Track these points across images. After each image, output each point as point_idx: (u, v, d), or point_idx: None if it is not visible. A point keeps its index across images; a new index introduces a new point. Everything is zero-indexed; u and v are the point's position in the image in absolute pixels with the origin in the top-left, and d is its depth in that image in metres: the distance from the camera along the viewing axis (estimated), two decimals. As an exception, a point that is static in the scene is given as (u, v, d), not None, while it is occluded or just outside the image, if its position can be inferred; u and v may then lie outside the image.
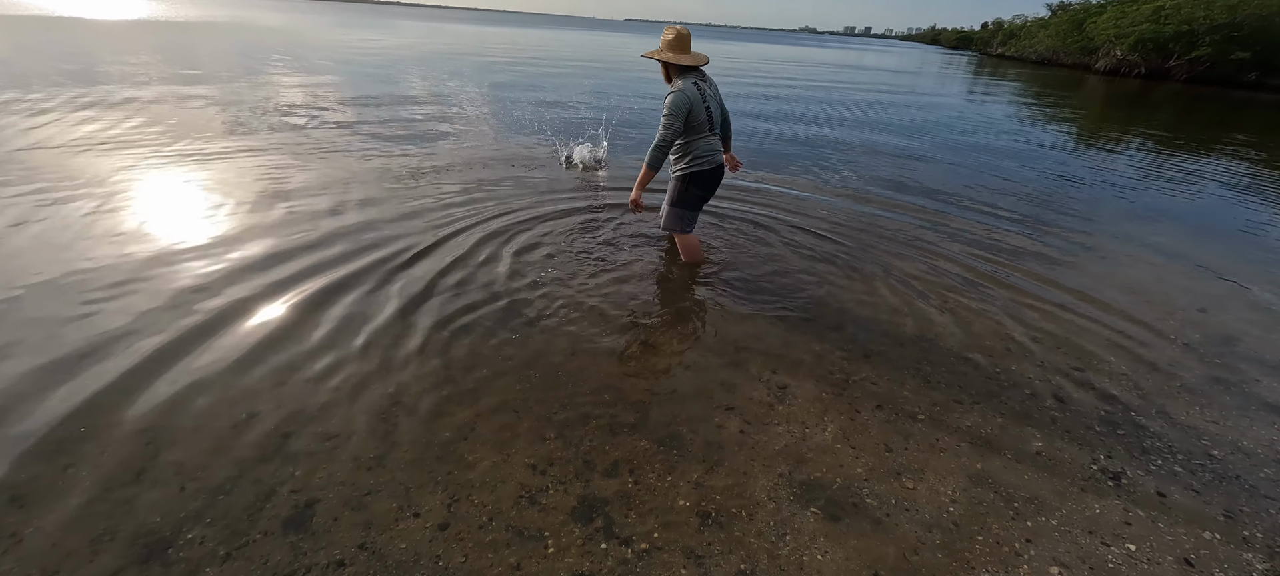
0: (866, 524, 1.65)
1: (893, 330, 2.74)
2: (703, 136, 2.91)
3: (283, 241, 3.28)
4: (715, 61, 20.05)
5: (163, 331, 2.35)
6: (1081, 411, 2.22)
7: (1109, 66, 31.70)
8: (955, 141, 8.23)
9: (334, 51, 16.01)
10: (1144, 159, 7.82)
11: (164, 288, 2.70)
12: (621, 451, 1.87)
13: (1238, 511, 1.78)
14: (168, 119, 6.22)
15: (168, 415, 1.91)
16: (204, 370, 2.14)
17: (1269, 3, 27.30)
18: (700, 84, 2.86)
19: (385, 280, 2.91)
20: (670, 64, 2.87)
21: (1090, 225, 4.63)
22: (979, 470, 1.88)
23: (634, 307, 2.79)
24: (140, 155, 4.82)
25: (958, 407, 2.19)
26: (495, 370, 2.25)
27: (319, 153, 5.29)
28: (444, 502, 1.64)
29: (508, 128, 7.02)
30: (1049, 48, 40.26)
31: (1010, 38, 52.67)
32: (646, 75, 14.51)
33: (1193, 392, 2.39)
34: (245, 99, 7.69)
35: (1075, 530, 1.67)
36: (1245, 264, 3.97)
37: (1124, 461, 1.97)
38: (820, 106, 11.28)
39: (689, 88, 2.81)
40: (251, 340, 2.34)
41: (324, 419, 1.94)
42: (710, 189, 3.06)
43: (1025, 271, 3.55)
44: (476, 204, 4.11)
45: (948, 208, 4.80)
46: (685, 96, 2.78)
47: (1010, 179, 6.04)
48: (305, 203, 3.93)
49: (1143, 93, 20.53)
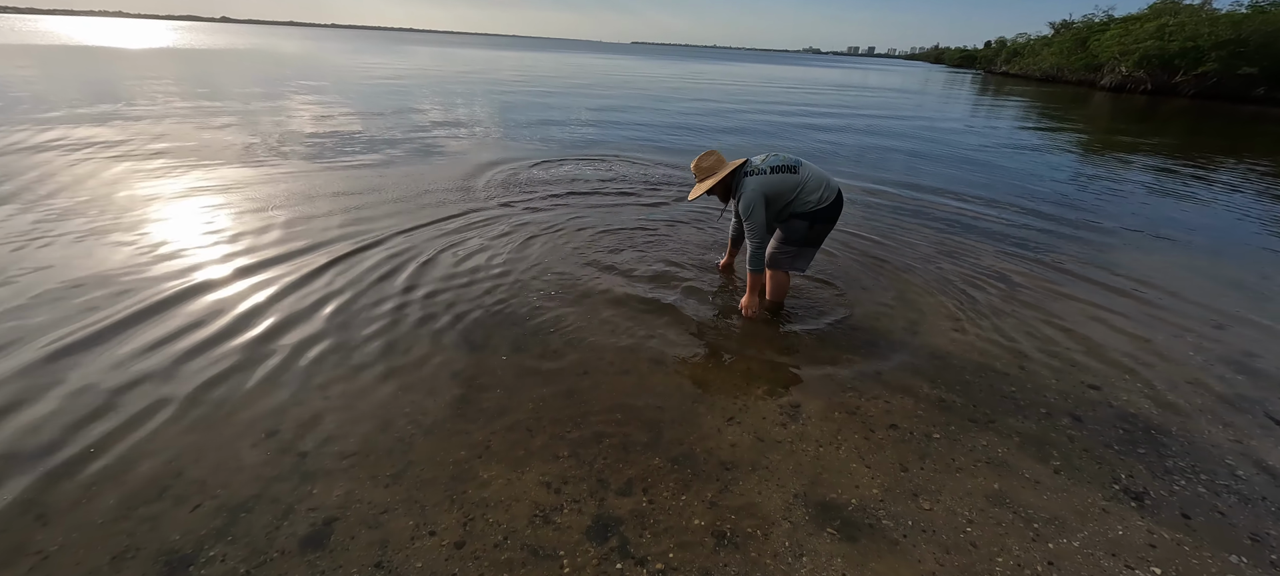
0: (883, 545, 1.63)
1: (906, 347, 2.73)
2: (798, 190, 2.66)
3: (299, 260, 3.34)
4: (723, 81, 20.27)
5: (183, 357, 2.40)
6: (1100, 430, 2.20)
7: (1114, 83, 31.70)
8: (967, 157, 8.25)
9: (364, 74, 16.40)
10: (1156, 173, 7.78)
11: (190, 309, 2.75)
12: (635, 469, 1.87)
13: (1264, 534, 1.75)
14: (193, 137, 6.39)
15: (190, 433, 1.94)
16: (225, 389, 2.18)
17: (1274, 18, 27.34)
18: (751, 169, 2.70)
19: (399, 300, 2.95)
20: (724, 180, 2.73)
21: (1104, 241, 4.60)
22: (997, 490, 1.86)
23: (645, 325, 2.81)
24: (163, 170, 4.95)
25: (974, 426, 2.18)
26: (508, 388, 2.27)
27: (330, 170, 5.40)
28: (459, 521, 1.64)
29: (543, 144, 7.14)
30: (1053, 65, 40.37)
31: (1014, 55, 52.89)
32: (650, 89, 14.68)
33: (1213, 411, 2.36)
34: (278, 118, 7.89)
35: (1098, 552, 1.64)
36: (1262, 279, 3.92)
37: (1146, 481, 1.94)
38: (832, 119, 11.36)
39: (749, 182, 2.66)
40: (270, 360, 2.38)
41: (341, 437, 1.96)
42: (832, 222, 2.78)
43: (1039, 287, 3.53)
44: (487, 224, 4.17)
45: (958, 225, 4.80)
46: (755, 190, 2.63)
47: (1022, 194, 6.04)
48: (325, 218, 4.00)
49: (1150, 108, 20.50)
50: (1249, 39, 26.55)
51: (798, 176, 2.68)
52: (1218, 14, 30.17)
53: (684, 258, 3.67)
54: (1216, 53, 27.12)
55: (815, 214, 2.68)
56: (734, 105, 14.29)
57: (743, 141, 9.07)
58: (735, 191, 2.75)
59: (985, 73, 55.47)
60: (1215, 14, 30.24)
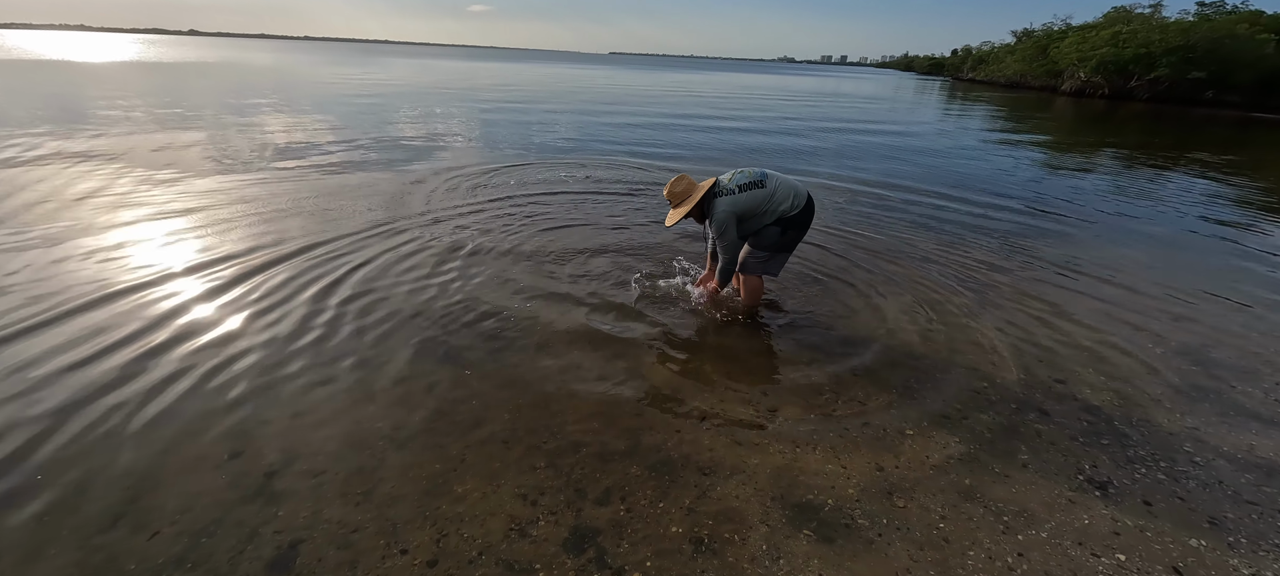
0: (859, 544, 1.65)
1: (879, 346, 2.77)
2: (768, 201, 2.69)
3: (262, 274, 3.25)
4: (700, 90, 20.45)
5: (139, 372, 2.31)
6: (1065, 422, 2.26)
7: (1074, 88, 33.03)
8: (936, 163, 8.46)
9: (344, 87, 16.13)
10: (1115, 173, 8.10)
11: (139, 329, 2.65)
12: (613, 478, 1.86)
13: (1222, 517, 1.81)
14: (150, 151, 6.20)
15: (147, 457, 1.87)
16: (186, 409, 2.11)
17: (1219, 26, 28.88)
18: (720, 190, 2.73)
19: (369, 314, 2.89)
20: (700, 202, 2.74)
21: (1069, 237, 4.76)
22: (968, 485, 1.89)
23: (623, 334, 2.80)
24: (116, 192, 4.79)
25: (945, 422, 2.22)
26: (484, 400, 2.24)
27: (293, 180, 5.29)
28: (433, 538, 1.61)
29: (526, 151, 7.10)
30: (1017, 72, 41.90)
31: (980, 63, 54.78)
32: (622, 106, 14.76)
33: (1172, 400, 2.44)
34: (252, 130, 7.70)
35: (1065, 542, 1.68)
36: (1216, 272, 4.09)
37: (1109, 471, 1.99)
38: (804, 125, 11.56)
39: (721, 203, 2.68)
40: (234, 378, 2.31)
41: (309, 455, 1.90)
42: (804, 227, 2.81)
43: (1007, 283, 3.63)
44: (469, 232, 4.13)
45: (930, 224, 4.91)
46: (727, 210, 2.65)
47: (989, 196, 6.21)
48: (291, 230, 3.91)
49: (1109, 112, 21.37)
50: (1197, 45, 27.99)
51: (766, 189, 2.71)
52: (1167, 22, 31.77)
53: (661, 265, 3.68)
54: (1167, 58, 28.52)
55: (787, 221, 2.72)
56: (718, 117, 14.44)
57: (734, 158, 9.15)
58: (708, 213, 2.78)
59: (953, 79, 57.21)
60: (1165, 22, 31.83)
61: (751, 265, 2.88)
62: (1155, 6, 33.39)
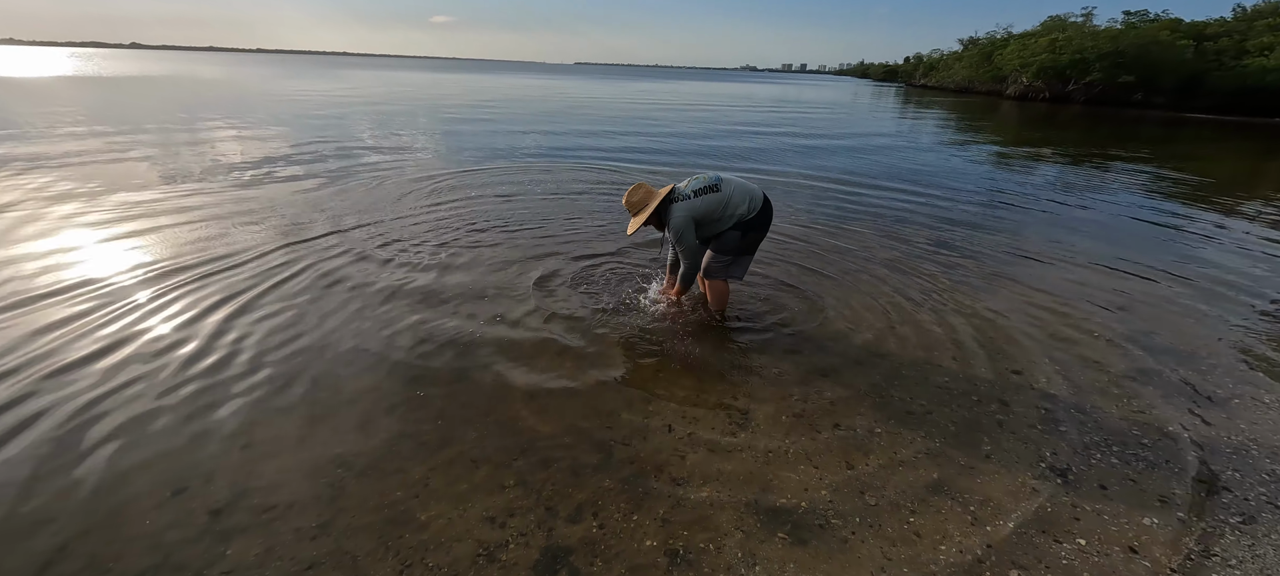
0: (834, 544, 1.65)
1: (847, 346, 2.81)
2: (725, 206, 2.71)
3: (207, 291, 3.07)
4: (664, 99, 20.57)
5: (59, 404, 2.14)
6: (1025, 412, 2.33)
7: (1018, 92, 34.89)
8: (893, 164, 8.74)
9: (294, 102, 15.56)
10: (1060, 170, 8.55)
11: (66, 357, 2.46)
12: (585, 493, 1.81)
13: (1171, 494, 1.89)
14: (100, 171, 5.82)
15: (76, 501, 1.72)
16: (124, 443, 1.95)
17: (1145, 33, 31.13)
18: (676, 195, 2.75)
19: (325, 331, 2.76)
20: (658, 208, 2.74)
21: (1018, 235, 4.97)
22: (936, 479, 1.92)
23: (591, 345, 2.76)
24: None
25: (912, 419, 2.26)
26: (450, 420, 2.16)
27: (242, 191, 5.06)
28: (395, 569, 1.53)
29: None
30: (965, 78, 43.96)
31: (931, 70, 57.23)
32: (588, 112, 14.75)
33: (1120, 386, 2.56)
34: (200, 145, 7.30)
35: (1030, 530, 1.72)
36: (1154, 261, 4.34)
37: (1068, 457, 2.06)
38: (762, 137, 11.78)
39: (677, 208, 2.70)
40: (172, 406, 2.16)
41: (260, 488, 1.79)
42: (763, 229, 2.82)
43: (964, 280, 3.75)
44: (434, 249, 4.01)
45: (888, 224, 5.05)
46: (683, 216, 2.66)
47: (947, 193, 6.45)
48: (230, 248, 3.72)
49: (1050, 115, 22.60)
50: (1126, 51, 30.07)
51: (721, 194, 2.72)
52: (1099, 29, 34.02)
53: (627, 274, 3.66)
54: (1100, 63, 30.53)
55: (746, 224, 2.74)
56: (691, 127, 14.57)
57: (699, 162, 9.22)
58: (665, 219, 2.78)
59: (907, 86, 59.51)
60: (1096, 29, 34.07)
61: (715, 270, 2.89)
62: (1087, 15, 35.67)
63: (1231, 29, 29.92)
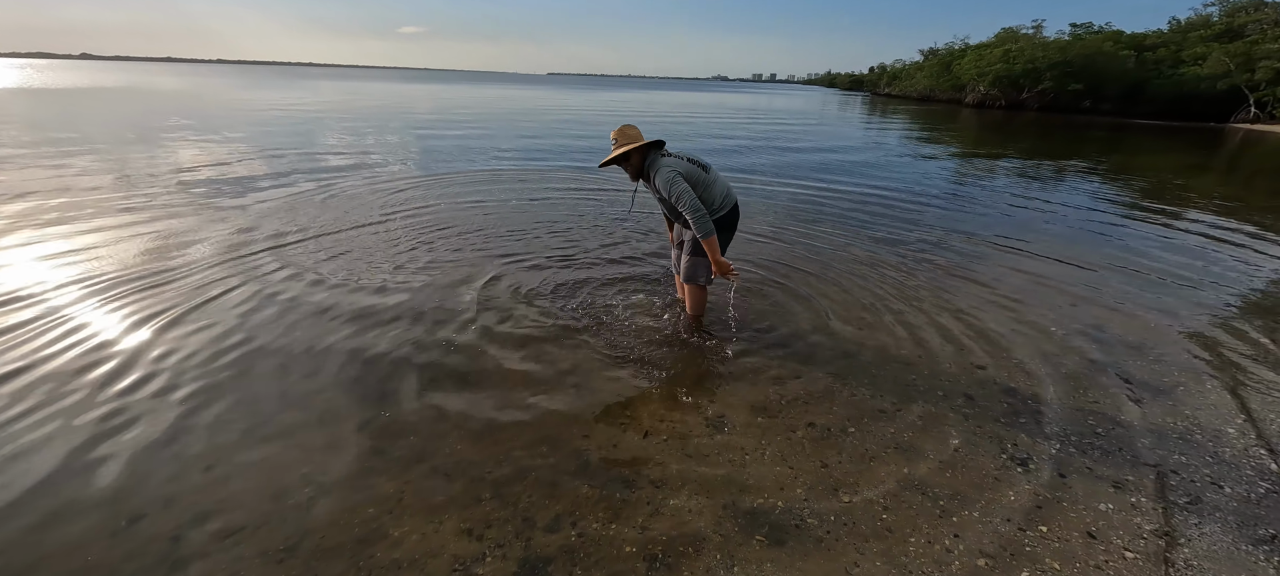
0: (810, 543, 1.68)
1: (816, 348, 2.87)
2: (707, 189, 2.73)
3: (161, 306, 2.95)
4: (640, 109, 20.68)
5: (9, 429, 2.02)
6: (989, 405, 2.42)
7: (976, 100, 36.42)
8: (857, 168, 8.99)
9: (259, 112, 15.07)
10: (1017, 175, 8.93)
11: (22, 369, 2.33)
12: (563, 503, 1.80)
13: (1124, 480, 1.99)
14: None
15: (20, 530, 1.62)
16: (74, 470, 1.85)
17: (1090, 44, 32.96)
18: (667, 152, 2.76)
19: (288, 344, 2.68)
20: (639, 151, 2.73)
21: (979, 236, 5.17)
22: (906, 474, 1.97)
23: (566, 355, 2.75)
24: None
25: (882, 416, 2.32)
26: (423, 433, 2.12)
27: (196, 209, 4.88)
28: (368, 588, 1.49)
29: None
30: (927, 87, 45.67)
31: (894, 79, 59.25)
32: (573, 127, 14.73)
33: (1075, 378, 2.68)
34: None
35: (995, 519, 1.79)
36: (1103, 259, 4.57)
37: (1028, 448, 2.15)
38: (736, 142, 11.97)
39: (667, 161, 2.68)
40: (124, 425, 2.06)
41: (223, 511, 1.72)
42: (731, 231, 2.87)
43: (930, 279, 3.88)
44: (407, 252, 3.94)
45: (857, 228, 5.19)
46: (671, 170, 2.63)
47: (908, 199, 6.66)
48: (186, 261, 3.58)
49: (1006, 121, 23.61)
50: (1074, 60, 31.79)
51: (708, 176, 2.76)
52: (1048, 40, 35.88)
53: (605, 279, 3.66)
54: (1050, 72, 32.18)
55: (720, 220, 2.77)
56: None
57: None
58: (650, 169, 2.73)
59: (872, 94, 61.40)
60: (1046, 40, 35.93)
61: (695, 272, 2.91)
62: (1037, 26, 37.55)
63: (1168, 40, 31.93)
